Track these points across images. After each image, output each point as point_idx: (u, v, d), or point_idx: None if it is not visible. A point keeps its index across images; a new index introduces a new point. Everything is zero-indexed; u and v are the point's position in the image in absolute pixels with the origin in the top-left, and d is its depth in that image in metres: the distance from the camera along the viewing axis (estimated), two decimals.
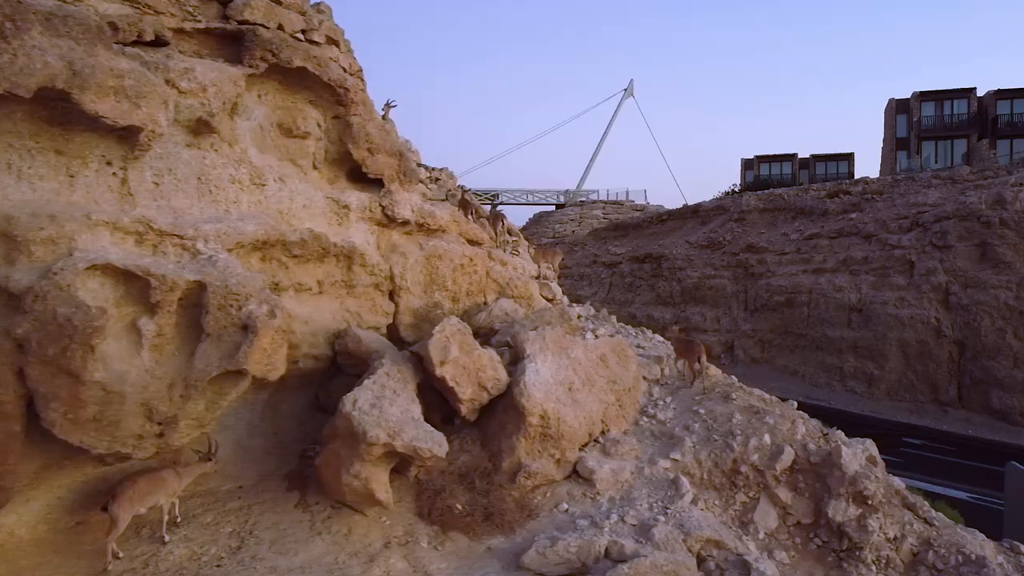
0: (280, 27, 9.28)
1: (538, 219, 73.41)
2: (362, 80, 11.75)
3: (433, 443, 8.39)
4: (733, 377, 13.59)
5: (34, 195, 6.39)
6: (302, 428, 9.84)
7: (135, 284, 6.52)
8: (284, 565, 7.75)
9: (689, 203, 56.83)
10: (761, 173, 63.24)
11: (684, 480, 10.08)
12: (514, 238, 19.01)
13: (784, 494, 10.39)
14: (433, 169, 19.23)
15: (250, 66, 8.82)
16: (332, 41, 10.36)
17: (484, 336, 11.90)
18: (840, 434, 12.08)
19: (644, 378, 12.46)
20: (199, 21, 8.77)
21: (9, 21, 5.79)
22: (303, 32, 9.79)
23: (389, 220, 11.14)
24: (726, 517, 10.17)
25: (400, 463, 8.94)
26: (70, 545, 7.38)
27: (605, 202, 69.11)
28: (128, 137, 6.86)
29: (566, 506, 9.66)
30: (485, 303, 13.06)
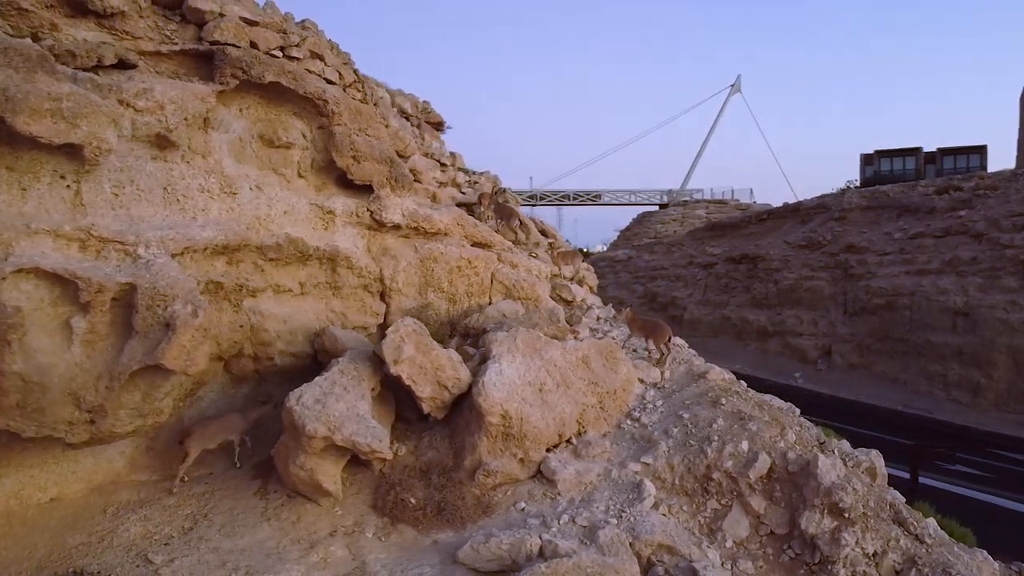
0: (254, 45, 9.92)
1: (641, 219, 72.89)
2: (359, 91, 12.31)
3: (373, 438, 8.78)
4: (742, 383, 13.25)
5: None
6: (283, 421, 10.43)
7: (70, 286, 7.27)
8: (227, 547, 8.35)
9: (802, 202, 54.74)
10: (882, 169, 60.12)
11: (648, 484, 9.99)
12: (549, 239, 19.16)
13: (757, 503, 10.10)
14: (473, 173, 19.69)
15: (220, 83, 9.50)
16: (316, 55, 10.94)
17: (475, 336, 12.19)
18: (843, 444, 11.62)
19: (641, 381, 12.36)
20: (176, 44, 9.55)
21: None
22: (282, 49, 10.40)
23: (379, 224, 11.62)
24: (693, 524, 10.00)
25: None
26: (38, 519, 8.26)
27: (708, 202, 67.76)
28: (75, 154, 7.63)
29: (523, 505, 9.81)
30: (491, 303, 13.33)
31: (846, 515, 9.63)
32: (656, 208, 72.37)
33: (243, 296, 9.64)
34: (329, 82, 11.22)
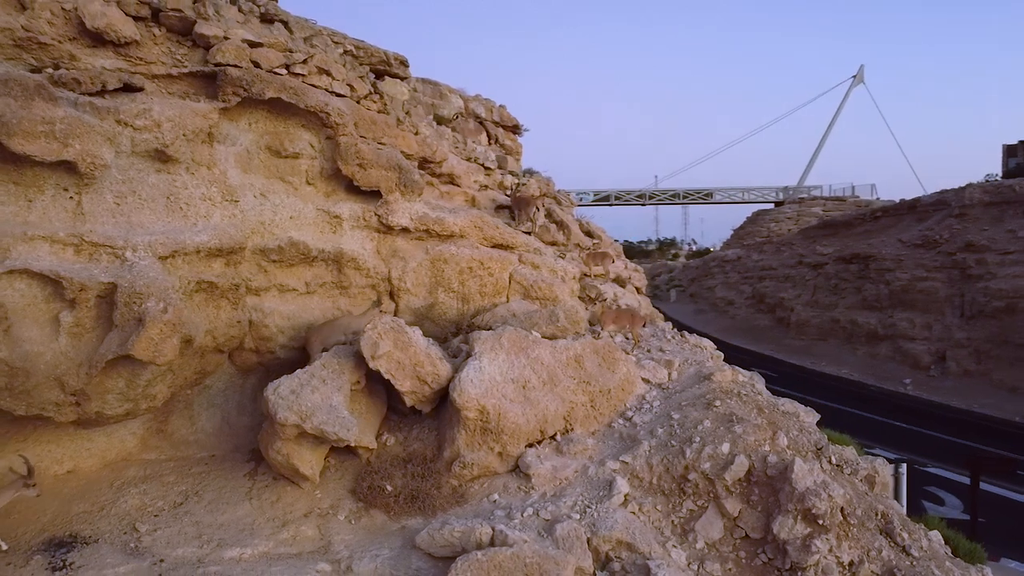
0: (257, 64, 10.81)
1: (755, 218, 70.97)
2: (374, 101, 13.06)
3: (340, 427, 9.44)
4: (759, 384, 12.99)
5: None
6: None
7: (59, 285, 8.35)
8: (207, 521, 9.25)
9: None
10: None
11: (620, 482, 10.13)
12: (595, 240, 19.31)
13: (733, 505, 10.04)
14: (524, 175, 20.14)
15: (223, 100, 10.45)
16: (323, 71, 11.73)
17: None
18: (846, 450, 11.26)
19: (647, 381, 12.43)
20: (185, 66, 10.58)
21: None
22: (286, 66, 11.26)
23: (387, 228, 12.30)
24: (666, 523, 10.06)
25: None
26: (53, 488, 9.44)
27: (826, 198, 65.01)
28: (73, 169, 8.74)
29: (496, 497, 10.19)
30: (508, 303, 13.77)
31: (820, 522, 9.45)
32: (772, 206, 70.08)
33: (241, 295, 10.55)
34: (338, 95, 11.99)
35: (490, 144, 27.25)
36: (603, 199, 69.97)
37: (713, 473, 10.20)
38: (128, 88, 9.78)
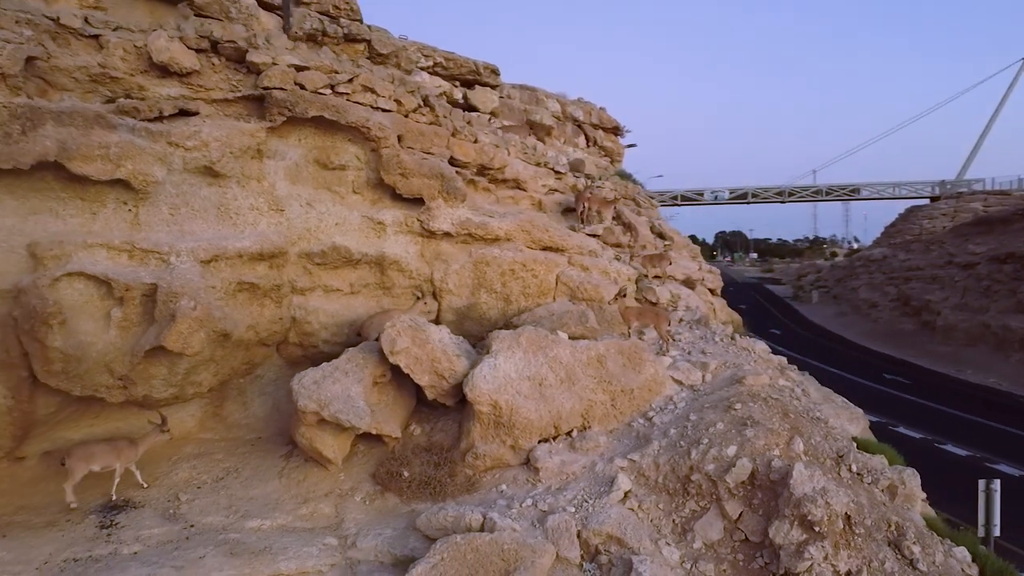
0: (301, 86, 11.95)
1: (907, 215, 66.51)
2: (423, 114, 13.95)
3: (354, 416, 10.36)
4: (801, 389, 12.74)
5: (65, 227, 10.05)
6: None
7: (110, 285, 9.78)
8: (240, 495, 10.44)
9: None
10: None
11: (622, 479, 10.41)
12: (666, 241, 19.31)
13: (733, 508, 10.08)
14: (599, 178, 20.48)
15: (270, 120, 11.67)
16: (367, 89, 12.74)
17: None
18: (874, 459, 10.94)
19: (679, 382, 12.55)
20: (240, 91, 11.89)
21: (28, 120, 9.45)
22: (331, 87, 12.34)
23: (429, 233, 13.16)
24: (666, 522, 10.24)
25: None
26: None
27: (988, 193, 59.80)
28: (128, 186, 10.18)
29: (504, 487, 10.75)
30: (555, 302, 14.27)
31: (816, 528, 9.36)
32: (927, 201, 65.36)
33: (285, 294, 11.72)
34: (384, 110, 12.96)
35: (588, 146, 27.70)
36: (740, 197, 67.95)
37: (716, 475, 10.26)
38: (184, 113, 11.18)
